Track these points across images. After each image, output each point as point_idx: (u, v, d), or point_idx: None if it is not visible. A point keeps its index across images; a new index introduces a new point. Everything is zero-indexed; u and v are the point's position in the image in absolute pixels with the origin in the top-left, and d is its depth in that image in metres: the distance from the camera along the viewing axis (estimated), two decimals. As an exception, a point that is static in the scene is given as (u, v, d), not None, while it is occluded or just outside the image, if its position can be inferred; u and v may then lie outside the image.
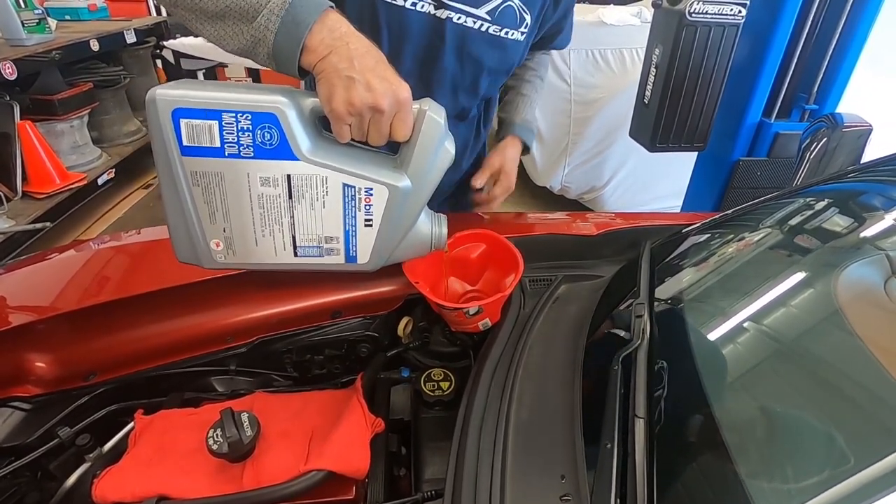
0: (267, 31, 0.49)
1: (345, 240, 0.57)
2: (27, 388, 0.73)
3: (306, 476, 0.55)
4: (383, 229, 0.58)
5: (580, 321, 0.75)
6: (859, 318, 0.58)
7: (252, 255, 0.56)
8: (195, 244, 0.55)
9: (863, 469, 0.42)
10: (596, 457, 0.51)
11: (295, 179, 0.53)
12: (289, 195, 0.54)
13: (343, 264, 0.59)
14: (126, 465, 0.61)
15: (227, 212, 0.53)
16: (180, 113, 0.50)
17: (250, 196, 0.53)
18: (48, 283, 0.82)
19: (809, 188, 0.94)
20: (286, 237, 0.56)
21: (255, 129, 0.50)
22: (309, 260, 0.58)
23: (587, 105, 2.67)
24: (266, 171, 0.52)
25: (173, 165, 0.51)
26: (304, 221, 0.55)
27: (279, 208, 0.54)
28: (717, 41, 1.46)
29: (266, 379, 0.81)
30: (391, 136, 0.54)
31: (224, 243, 0.55)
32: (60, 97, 2.64)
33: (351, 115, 0.51)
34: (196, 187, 0.52)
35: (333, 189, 0.54)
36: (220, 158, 0.51)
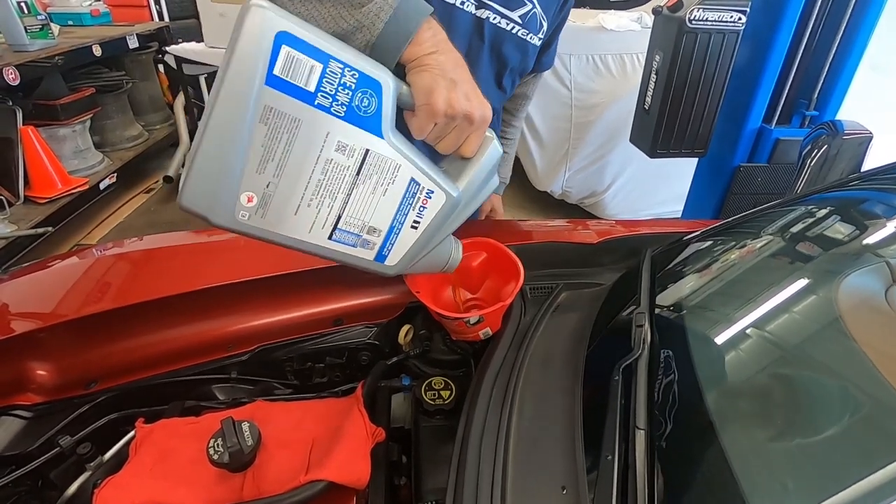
0: (377, 18, 0.49)
1: (386, 236, 0.53)
2: (28, 397, 0.73)
3: (307, 486, 0.55)
4: (424, 235, 0.55)
5: (581, 330, 0.75)
6: (860, 326, 0.58)
7: (283, 223, 0.48)
8: (218, 191, 0.44)
9: (864, 478, 0.42)
10: (597, 468, 0.51)
11: (371, 157, 0.48)
12: (357, 171, 0.48)
13: (369, 261, 0.54)
14: (127, 475, 0.61)
15: (282, 165, 0.45)
16: (285, 38, 0.42)
17: (318, 158, 0.46)
18: (50, 291, 0.83)
19: (810, 196, 0.94)
20: (332, 215, 0.49)
21: (357, 90, 0.46)
22: (339, 247, 0.52)
23: (588, 110, 2.68)
24: (347, 138, 0.47)
25: (247, 91, 0.42)
26: (358, 204, 0.50)
27: (342, 181, 0.48)
28: (717, 48, 1.46)
29: (267, 387, 0.81)
30: (460, 150, 0.54)
31: (258, 200, 0.46)
32: (63, 102, 2.65)
33: (444, 116, 0.50)
34: (262, 125, 0.43)
35: (401, 180, 0.51)
36: (307, 105, 0.44)
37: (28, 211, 2.47)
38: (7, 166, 2.45)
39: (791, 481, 0.46)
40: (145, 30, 3.31)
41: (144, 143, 3.38)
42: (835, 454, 0.47)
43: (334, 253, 0.52)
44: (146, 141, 3.41)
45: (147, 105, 3.62)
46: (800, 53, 1.54)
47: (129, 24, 3.37)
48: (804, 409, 0.53)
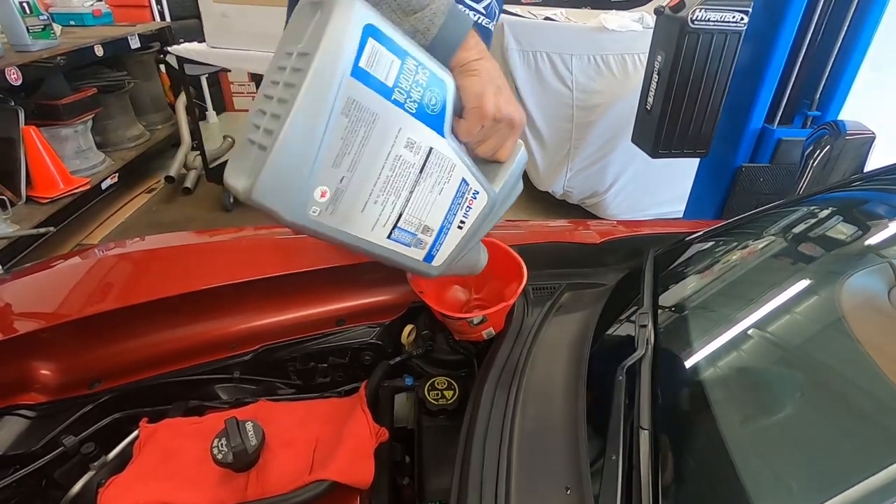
0: (431, 24, 0.50)
1: (437, 235, 0.54)
2: (32, 396, 0.73)
3: (310, 486, 0.55)
4: (467, 236, 0.56)
5: (584, 330, 0.75)
6: (863, 326, 0.58)
7: (349, 221, 0.47)
8: (293, 185, 0.42)
9: (868, 478, 0.42)
10: (601, 468, 0.51)
11: (433, 155, 0.49)
12: (420, 169, 0.49)
13: (418, 261, 0.54)
14: (130, 475, 0.61)
15: (357, 159, 0.44)
16: (372, 31, 0.42)
17: (389, 154, 0.46)
18: (53, 291, 0.83)
19: (813, 197, 0.94)
20: (394, 213, 0.49)
21: (427, 88, 0.47)
22: (395, 247, 0.52)
23: (589, 110, 2.68)
24: (415, 135, 0.47)
25: (334, 81, 0.41)
26: (418, 202, 0.50)
27: (406, 178, 0.48)
28: (719, 48, 1.46)
29: (270, 386, 0.81)
30: (497, 153, 0.55)
31: (331, 195, 0.44)
32: (65, 102, 2.65)
33: (492, 120, 0.52)
34: (343, 117, 0.42)
35: (454, 180, 0.52)
36: (385, 100, 0.44)
37: (30, 211, 2.48)
38: (9, 166, 2.46)
39: (795, 481, 0.46)
40: (147, 30, 3.31)
41: (146, 142, 3.39)
42: (839, 455, 0.47)
43: (389, 252, 0.52)
44: (148, 141, 3.41)
45: (149, 105, 3.63)
46: (802, 53, 1.54)
47: (131, 25, 3.37)
48: (808, 410, 0.53)
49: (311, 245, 0.93)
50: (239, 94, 4.89)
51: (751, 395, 0.57)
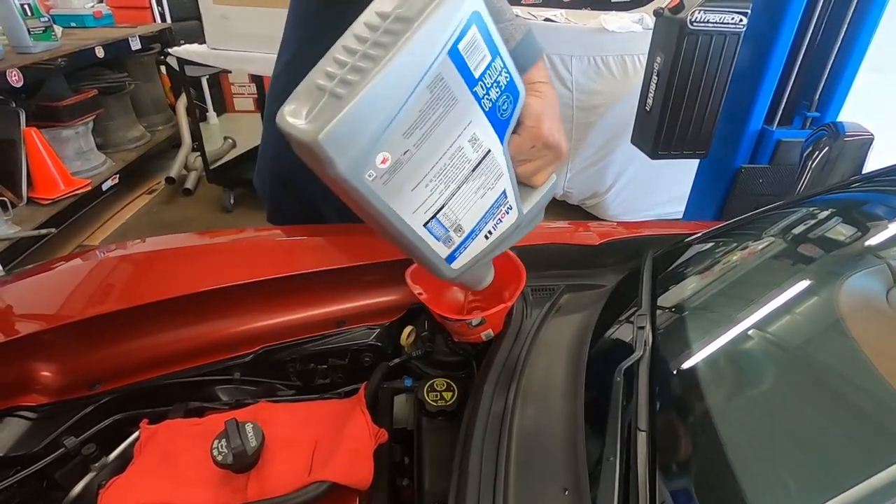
0: (511, 37, 0.53)
1: (465, 238, 0.54)
2: (33, 398, 0.73)
3: (310, 487, 0.55)
4: (489, 248, 0.56)
5: (582, 331, 0.75)
6: (862, 328, 0.59)
7: (397, 196, 0.46)
8: (360, 139, 0.42)
9: (866, 479, 0.43)
10: (599, 470, 0.51)
11: (488, 158, 0.49)
12: (474, 168, 0.49)
13: (440, 259, 0.54)
14: (131, 476, 0.61)
15: (426, 137, 0.44)
16: (477, 20, 0.43)
17: (454, 142, 0.46)
18: (54, 293, 0.83)
19: (811, 198, 0.94)
20: (438, 202, 0.49)
21: (504, 92, 0.47)
22: (427, 237, 0.51)
23: (589, 111, 2.68)
24: (481, 132, 0.47)
25: (431, 53, 0.41)
26: (461, 200, 0.50)
27: (459, 172, 0.48)
28: (718, 50, 1.46)
29: (270, 388, 0.82)
30: (534, 177, 0.57)
31: (392, 164, 0.44)
32: (66, 104, 2.67)
33: (543, 142, 0.53)
34: (428, 91, 0.42)
35: (497, 188, 0.52)
36: (467, 89, 0.44)
37: (31, 212, 2.48)
38: (10, 168, 2.46)
39: (793, 483, 0.46)
40: (147, 31, 3.33)
41: (146, 144, 3.40)
42: (837, 456, 0.48)
43: (419, 241, 0.51)
44: (148, 142, 3.42)
45: (149, 106, 3.64)
46: (801, 55, 1.54)
47: (132, 26, 3.38)
48: (805, 411, 0.53)
49: (311, 246, 0.94)
50: (239, 96, 4.90)
51: (748, 396, 0.57)
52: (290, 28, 0.96)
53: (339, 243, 0.92)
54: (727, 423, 0.51)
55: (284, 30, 0.98)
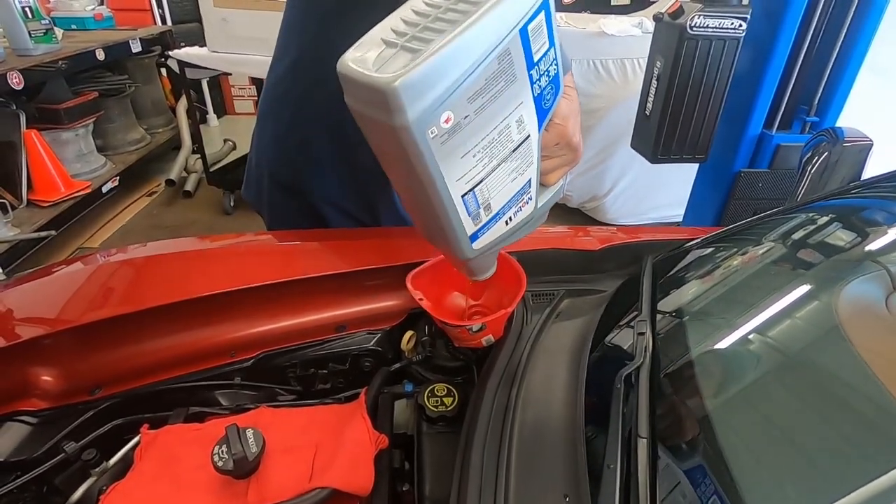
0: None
1: (490, 219, 0.55)
2: (33, 402, 0.73)
3: (311, 494, 0.55)
4: (506, 234, 0.58)
5: (582, 337, 0.75)
6: (861, 333, 0.59)
7: (447, 161, 0.47)
8: (431, 96, 0.42)
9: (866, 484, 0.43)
10: (599, 477, 0.51)
11: (526, 143, 0.52)
12: (514, 149, 0.51)
13: (465, 235, 0.55)
14: (131, 481, 0.61)
15: (485, 106, 0.46)
16: (546, 8, 0.46)
17: (505, 119, 0.48)
18: (54, 297, 0.83)
19: (811, 204, 0.94)
20: (479, 175, 0.50)
21: (551, 82, 0.50)
22: (461, 209, 0.52)
23: (588, 114, 2.69)
24: (527, 116, 0.50)
25: (507, 26, 0.44)
26: (496, 179, 0.52)
27: (502, 150, 0.50)
28: (717, 54, 1.47)
29: (270, 393, 0.81)
30: (548, 176, 0.59)
31: (452, 125, 0.45)
32: (66, 106, 2.67)
33: (566, 142, 0.57)
34: (496, 62, 0.44)
35: (525, 176, 0.55)
36: (526, 70, 0.47)
37: (31, 214, 2.49)
38: (10, 170, 2.47)
39: (793, 489, 0.46)
40: (148, 34, 3.33)
41: (147, 146, 3.40)
42: (837, 462, 0.48)
43: (452, 212, 0.51)
44: (148, 144, 3.43)
45: (149, 109, 3.64)
46: (800, 59, 1.55)
47: (132, 29, 3.39)
48: (806, 418, 0.53)
49: (311, 251, 0.94)
50: (239, 98, 4.91)
51: (749, 402, 0.57)
52: (291, 31, 0.96)
53: (340, 248, 0.92)
54: (728, 429, 0.51)
55: (280, 34, 0.98)
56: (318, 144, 0.98)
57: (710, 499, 0.46)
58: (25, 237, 2.29)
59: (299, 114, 0.97)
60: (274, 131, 1.01)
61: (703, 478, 0.48)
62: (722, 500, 0.46)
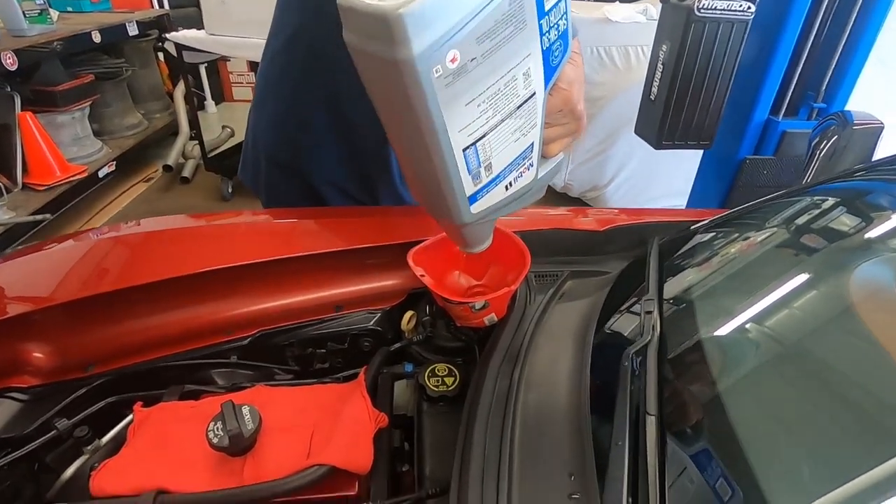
0: None
1: (490, 181, 0.53)
2: (24, 379, 0.72)
3: (309, 471, 0.54)
4: (505, 201, 0.56)
5: (587, 317, 0.73)
6: (873, 315, 0.57)
7: (451, 107, 0.45)
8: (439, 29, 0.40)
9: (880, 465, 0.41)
10: (605, 455, 0.50)
11: (531, 101, 0.49)
12: (519, 105, 0.49)
13: (464, 196, 0.52)
14: (124, 458, 0.60)
15: (492, 52, 0.44)
16: None
17: (511, 69, 0.46)
18: (47, 273, 0.81)
19: (821, 185, 0.92)
20: (480, 130, 0.48)
21: (560, 37, 0.48)
22: (461, 165, 0.50)
23: (591, 102, 2.66)
24: (534, 70, 0.48)
25: None
26: (499, 136, 0.50)
27: (507, 104, 0.48)
28: (725, 38, 1.44)
29: (267, 372, 0.80)
30: (549, 146, 0.57)
31: (459, 66, 0.42)
32: (61, 89, 2.63)
33: (570, 109, 0.54)
34: (507, 4, 0.42)
35: (528, 138, 0.52)
36: (536, 17, 0.45)
37: (27, 198, 2.46)
38: (5, 152, 2.44)
39: (805, 466, 0.45)
40: (145, 17, 3.28)
41: (144, 131, 3.37)
42: (850, 441, 0.46)
43: (452, 167, 0.49)
44: (146, 129, 3.39)
45: (147, 93, 3.60)
46: (809, 43, 1.52)
47: (129, 11, 3.34)
48: (817, 396, 0.52)
49: (309, 229, 0.92)
50: (238, 85, 4.86)
51: (759, 380, 0.56)
52: (288, 6, 0.93)
53: (339, 226, 0.90)
54: (738, 407, 0.50)
55: (277, 9, 0.95)
56: (318, 124, 0.96)
57: (722, 475, 0.45)
58: (21, 221, 2.27)
59: (298, 91, 0.94)
60: (273, 111, 0.99)
61: (714, 455, 0.47)
62: (734, 476, 0.44)
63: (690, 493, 0.45)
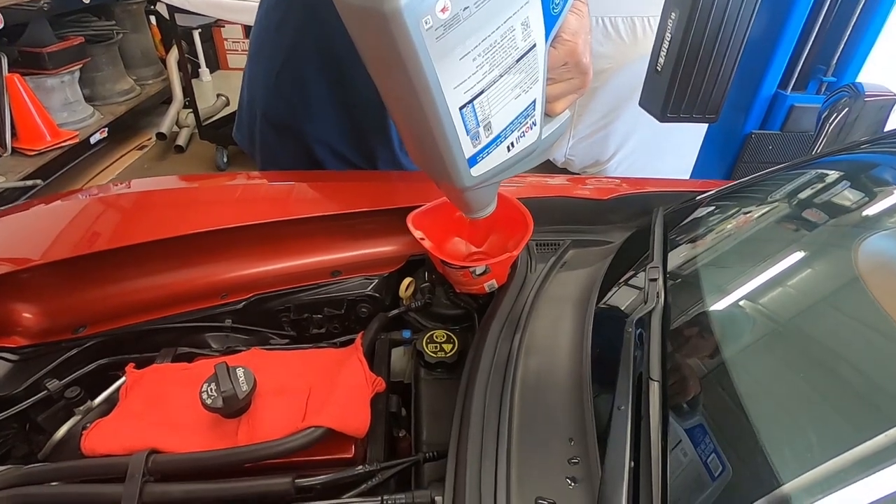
0: None
1: (490, 142, 0.51)
2: (14, 339, 0.70)
3: (304, 432, 0.53)
4: (507, 163, 0.53)
5: (589, 285, 0.72)
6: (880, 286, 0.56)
7: (444, 61, 0.42)
8: None
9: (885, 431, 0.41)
10: (605, 420, 0.49)
11: (531, 54, 0.46)
12: (518, 58, 0.46)
13: (462, 158, 0.50)
14: (116, 418, 0.59)
15: (485, 0, 0.41)
16: None
17: (507, 20, 0.43)
18: (36, 233, 0.79)
19: (829, 157, 0.90)
20: (477, 86, 0.45)
21: None
22: (458, 124, 0.47)
23: (594, 76, 2.57)
24: (532, 20, 0.44)
25: None
26: (498, 92, 0.47)
27: (504, 59, 0.45)
28: (736, 7, 1.39)
29: (262, 337, 0.79)
30: (554, 104, 0.54)
31: (450, 16, 0.40)
32: (50, 50, 2.55)
33: (575, 62, 0.51)
34: None
35: (530, 95, 0.49)
36: None
37: (16, 163, 2.41)
38: (-7, 116, 2.37)
39: (809, 431, 0.44)
40: (136, -23, 3.17)
41: (137, 97, 3.29)
42: (854, 407, 0.46)
43: (449, 127, 0.47)
44: (138, 96, 3.31)
45: (139, 59, 3.50)
46: (821, 16, 1.48)
47: (119, -29, 3.22)
48: (821, 364, 0.51)
49: (306, 192, 0.89)
50: (233, 52, 4.74)
51: (762, 349, 0.55)
52: None
53: (337, 189, 0.88)
54: (742, 374, 0.49)
55: None
56: (315, 82, 0.93)
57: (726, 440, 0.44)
58: (11, 186, 2.22)
59: (294, 47, 0.91)
60: (268, 67, 0.95)
61: (718, 420, 0.46)
62: (738, 442, 0.43)
63: (692, 458, 0.45)
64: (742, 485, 0.42)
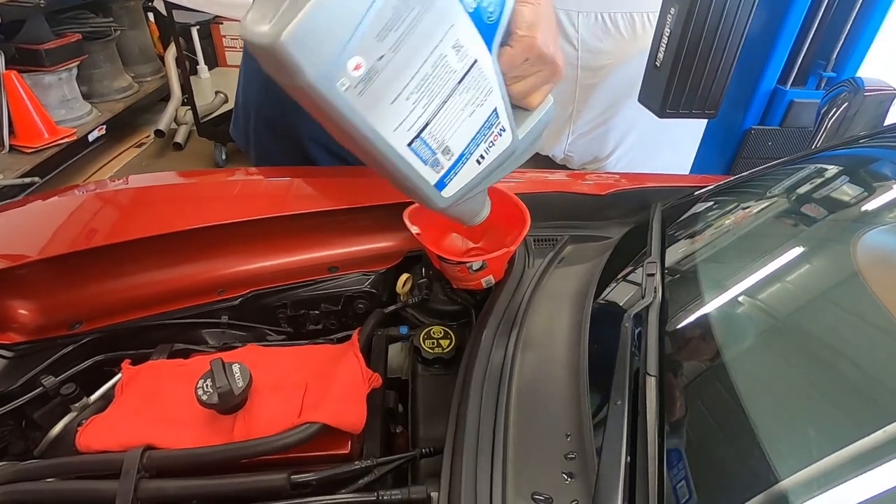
0: None
1: (455, 162, 0.49)
2: (9, 336, 0.70)
3: (300, 428, 0.53)
4: (483, 174, 0.52)
5: (587, 281, 0.72)
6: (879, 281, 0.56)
7: (375, 109, 0.41)
8: (329, 42, 0.37)
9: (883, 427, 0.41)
10: (604, 415, 0.49)
11: (475, 70, 0.45)
12: (460, 80, 0.44)
13: (429, 185, 0.49)
14: (112, 415, 0.58)
15: (402, 40, 0.40)
16: None
17: (434, 49, 0.42)
18: (32, 229, 0.79)
19: (828, 152, 0.90)
20: (421, 119, 0.45)
21: None
22: (412, 159, 0.47)
23: (594, 71, 2.59)
24: (465, 39, 0.43)
25: None
26: (447, 117, 0.46)
27: (443, 85, 0.44)
28: (735, 2, 1.39)
29: (259, 333, 0.78)
30: (529, 98, 0.52)
31: (365, 71, 0.39)
32: (48, 47, 2.54)
33: (537, 55, 0.48)
34: None
35: (487, 106, 0.48)
36: None
37: (14, 160, 2.40)
38: (-10, 113, 2.37)
39: (807, 426, 0.44)
40: (133, -26, 3.16)
41: (135, 94, 3.27)
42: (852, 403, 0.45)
43: (404, 164, 0.46)
44: (136, 93, 3.29)
45: (137, 56, 3.49)
46: (821, 11, 1.47)
47: (116, -33, 3.20)
48: (818, 359, 0.51)
49: (303, 188, 0.89)
50: (231, 49, 4.71)
51: (760, 344, 0.55)
52: None
53: (333, 186, 0.88)
54: (739, 369, 0.49)
55: None
56: None
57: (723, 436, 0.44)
58: (8, 183, 2.22)
59: None
60: (255, 70, 0.95)
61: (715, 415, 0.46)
62: (735, 437, 0.43)
63: (689, 454, 0.45)
64: (740, 479, 0.42)
